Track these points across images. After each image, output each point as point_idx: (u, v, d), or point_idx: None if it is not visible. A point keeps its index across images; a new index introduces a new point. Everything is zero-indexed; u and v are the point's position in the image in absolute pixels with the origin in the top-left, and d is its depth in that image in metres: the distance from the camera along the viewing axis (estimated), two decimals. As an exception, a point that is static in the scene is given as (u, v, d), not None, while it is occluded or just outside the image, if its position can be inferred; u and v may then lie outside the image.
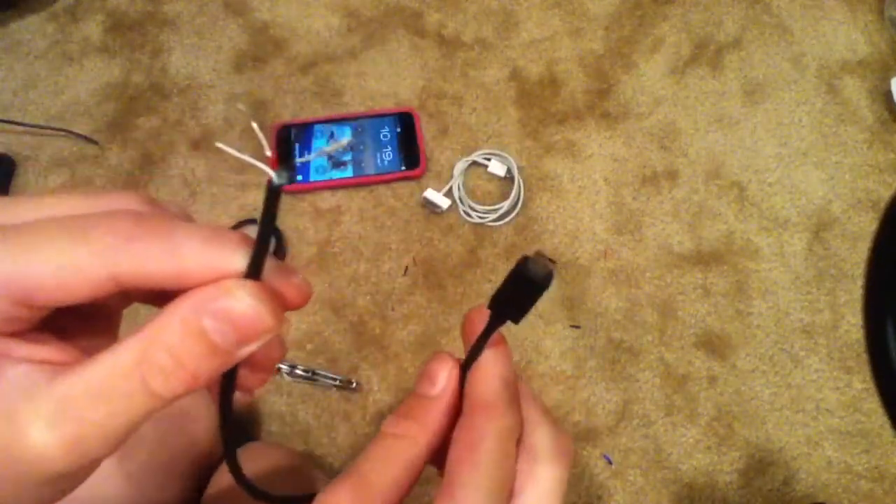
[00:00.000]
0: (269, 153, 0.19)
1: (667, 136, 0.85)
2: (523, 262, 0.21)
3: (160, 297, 0.19)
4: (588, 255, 0.79)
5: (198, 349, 0.17)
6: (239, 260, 0.18)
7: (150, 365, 0.17)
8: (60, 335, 0.19)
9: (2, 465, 0.17)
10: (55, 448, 0.17)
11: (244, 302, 0.17)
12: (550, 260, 0.21)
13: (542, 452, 0.23)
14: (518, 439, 0.22)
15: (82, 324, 0.20)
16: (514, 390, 0.23)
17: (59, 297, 0.17)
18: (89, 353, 0.18)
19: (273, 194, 0.18)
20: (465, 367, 0.23)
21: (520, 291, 0.21)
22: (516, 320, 0.22)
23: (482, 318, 0.23)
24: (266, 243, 0.18)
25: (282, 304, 0.19)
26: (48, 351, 0.18)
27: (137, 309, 0.21)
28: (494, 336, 0.23)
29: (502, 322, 0.22)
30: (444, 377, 0.23)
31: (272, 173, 0.17)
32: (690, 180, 0.83)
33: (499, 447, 0.21)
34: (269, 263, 0.18)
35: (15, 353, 0.17)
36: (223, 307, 0.17)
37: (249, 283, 0.17)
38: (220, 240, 0.18)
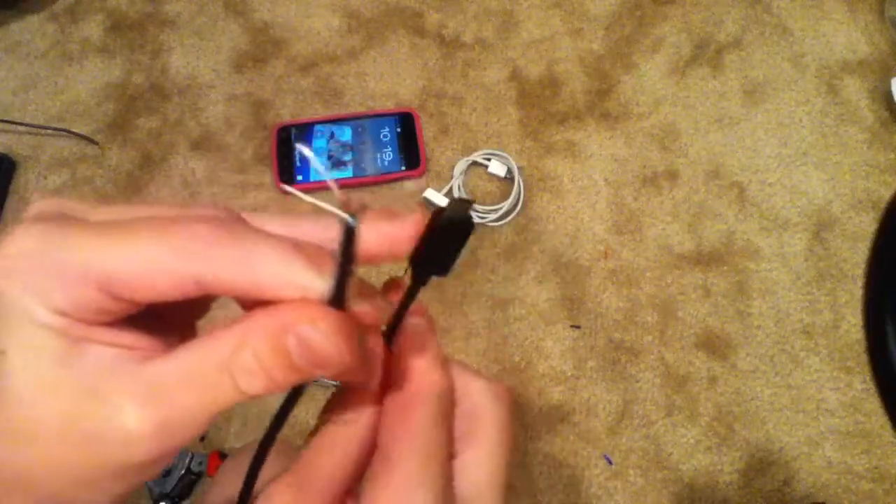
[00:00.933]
0: (337, 192, 0.19)
1: (667, 137, 0.85)
2: (440, 210, 0.20)
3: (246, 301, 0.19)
4: (588, 255, 0.78)
5: (280, 362, 0.18)
6: (317, 280, 0.18)
7: (239, 364, 0.18)
8: (143, 331, 0.19)
9: (87, 445, 0.17)
10: (144, 428, 0.17)
11: (325, 338, 0.18)
12: (467, 201, 0.20)
13: (480, 406, 0.22)
14: (453, 401, 0.22)
15: (163, 328, 0.20)
16: (441, 353, 0.22)
17: (144, 292, 0.18)
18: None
19: (349, 236, 0.18)
20: (389, 334, 0.22)
21: (441, 240, 0.20)
22: (443, 272, 0.20)
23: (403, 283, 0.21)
24: (346, 277, 0.19)
25: (360, 332, 0.19)
26: (132, 338, 0.19)
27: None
28: (416, 307, 0.22)
29: (426, 279, 0.20)
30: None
31: (348, 218, 0.18)
32: (691, 180, 0.83)
33: (432, 411, 0.21)
34: (353, 284, 0.19)
35: (98, 336, 0.18)
36: (306, 335, 0.17)
37: (332, 318, 0.18)
38: (298, 257, 0.18)
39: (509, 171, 0.81)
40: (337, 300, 0.18)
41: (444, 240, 0.20)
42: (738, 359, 0.75)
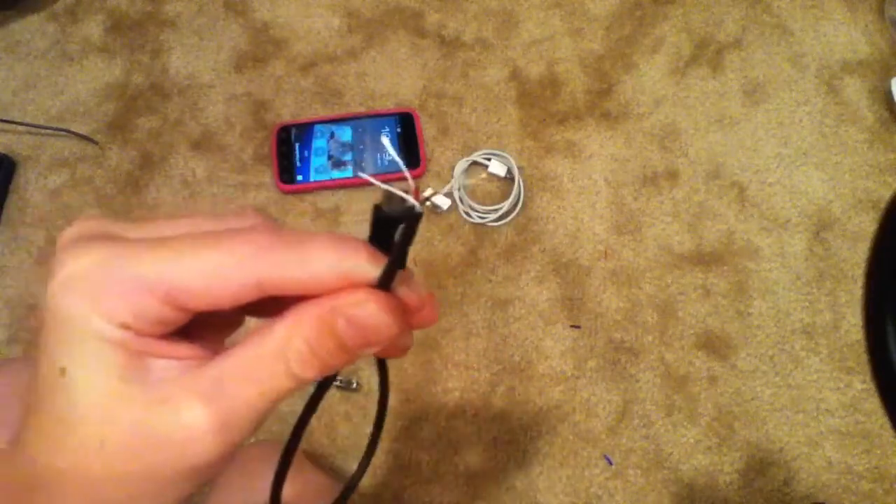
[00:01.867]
0: (410, 183, 0.21)
1: (667, 137, 0.85)
2: (376, 208, 0.21)
3: (279, 308, 0.21)
4: (588, 255, 0.78)
5: (330, 344, 0.19)
6: (366, 269, 0.20)
7: (292, 351, 0.19)
8: (189, 344, 0.21)
9: (155, 450, 0.18)
10: (209, 426, 0.18)
11: (374, 314, 0.20)
12: (404, 192, 0.20)
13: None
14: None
15: (202, 344, 0.21)
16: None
17: (207, 300, 0.19)
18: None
19: (413, 220, 0.20)
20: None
21: (388, 234, 0.21)
22: (400, 265, 0.21)
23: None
24: (399, 263, 0.21)
25: (406, 312, 0.21)
26: (187, 350, 0.20)
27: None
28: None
29: (391, 276, 0.21)
30: None
31: (415, 203, 0.20)
32: (691, 180, 0.83)
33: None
34: (397, 275, 0.21)
35: (158, 350, 0.19)
36: (355, 314, 0.19)
37: (380, 295, 0.20)
38: (348, 249, 0.20)
39: (509, 171, 0.81)
40: (384, 283, 0.20)
41: (387, 239, 0.21)
42: (738, 359, 0.75)
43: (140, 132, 0.83)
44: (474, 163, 0.82)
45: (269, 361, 0.19)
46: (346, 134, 0.83)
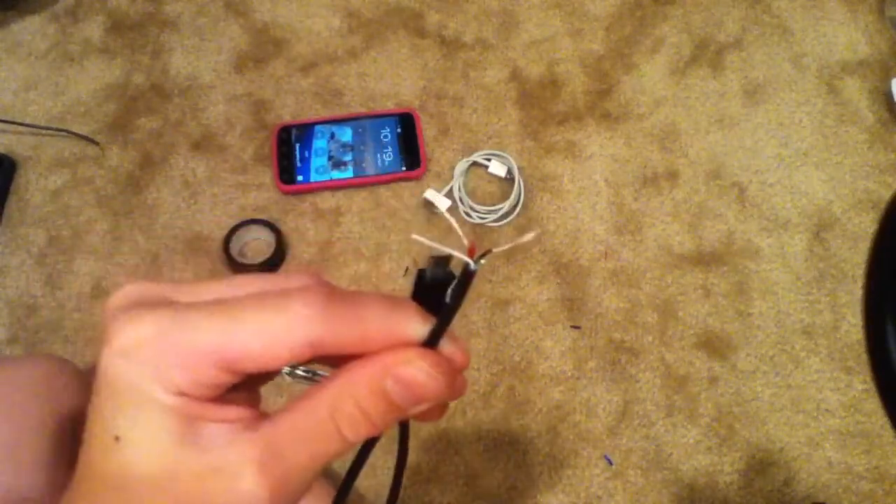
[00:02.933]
0: (465, 241, 0.22)
1: (667, 137, 0.85)
2: (419, 273, 0.22)
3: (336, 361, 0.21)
4: (588, 255, 0.79)
5: (380, 405, 0.20)
6: (415, 328, 0.21)
7: (342, 413, 0.20)
8: (237, 404, 0.21)
9: None
10: (264, 493, 0.19)
11: (423, 371, 0.20)
12: (444, 259, 0.21)
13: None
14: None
15: (243, 398, 0.22)
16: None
17: (263, 363, 0.19)
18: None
19: (467, 279, 0.21)
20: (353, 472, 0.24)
21: (433, 292, 0.22)
22: (447, 324, 0.22)
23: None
24: (448, 321, 0.21)
25: (453, 370, 0.21)
26: (236, 412, 0.20)
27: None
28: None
29: (443, 330, 0.21)
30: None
31: (470, 262, 0.20)
32: (691, 181, 0.83)
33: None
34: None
35: (211, 414, 0.19)
36: (404, 374, 0.20)
37: (428, 354, 0.20)
38: (399, 310, 0.21)
39: (509, 171, 0.81)
40: (432, 341, 0.21)
41: (431, 296, 0.22)
42: (738, 359, 0.75)
43: (140, 132, 0.83)
44: (474, 163, 0.82)
45: (320, 425, 0.20)
46: (346, 134, 0.83)
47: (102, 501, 0.19)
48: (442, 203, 0.78)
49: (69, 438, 0.55)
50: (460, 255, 0.21)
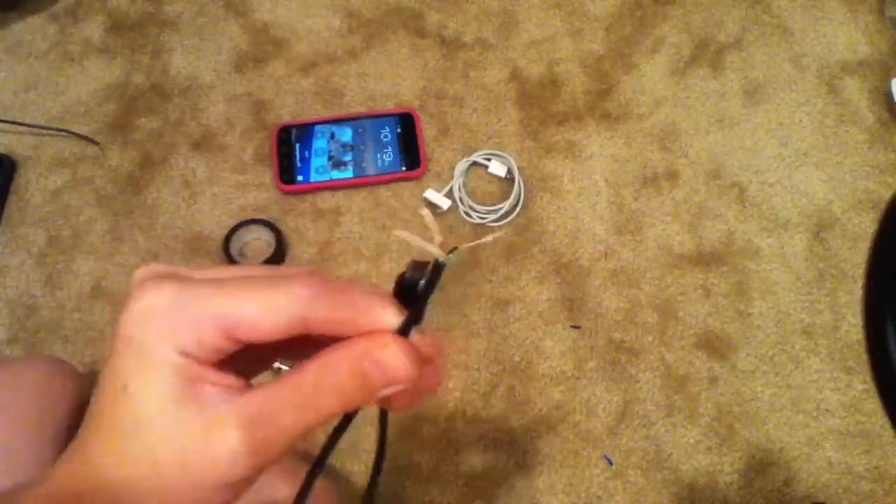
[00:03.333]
0: (437, 238, 0.24)
1: (667, 137, 0.85)
2: (400, 277, 0.25)
3: (311, 348, 0.24)
4: (588, 255, 0.78)
5: (358, 383, 0.23)
6: (392, 318, 0.23)
7: (324, 388, 0.22)
8: (233, 373, 0.23)
9: (199, 465, 0.21)
10: (245, 449, 0.21)
11: (396, 356, 0.23)
12: (420, 263, 0.25)
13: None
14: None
15: (242, 372, 0.24)
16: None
17: (261, 331, 0.22)
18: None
19: (436, 273, 0.23)
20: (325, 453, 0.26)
21: (412, 293, 0.25)
22: (418, 320, 0.24)
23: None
24: (419, 312, 0.24)
25: (421, 358, 0.24)
26: (232, 380, 0.23)
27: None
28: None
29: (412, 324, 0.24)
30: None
31: (440, 256, 0.23)
32: (691, 181, 0.83)
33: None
34: (416, 329, 0.24)
35: (210, 377, 0.22)
36: (380, 357, 0.23)
37: (400, 341, 0.23)
38: (381, 300, 0.23)
39: (509, 171, 0.81)
40: (403, 331, 0.23)
41: (411, 299, 0.24)
42: (738, 359, 0.75)
43: (140, 132, 0.83)
44: (474, 163, 0.82)
45: (304, 397, 0.22)
46: (346, 134, 0.83)
47: (108, 442, 0.22)
48: (442, 203, 0.78)
49: (67, 439, 0.55)
50: (432, 249, 0.23)
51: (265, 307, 0.22)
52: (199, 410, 0.21)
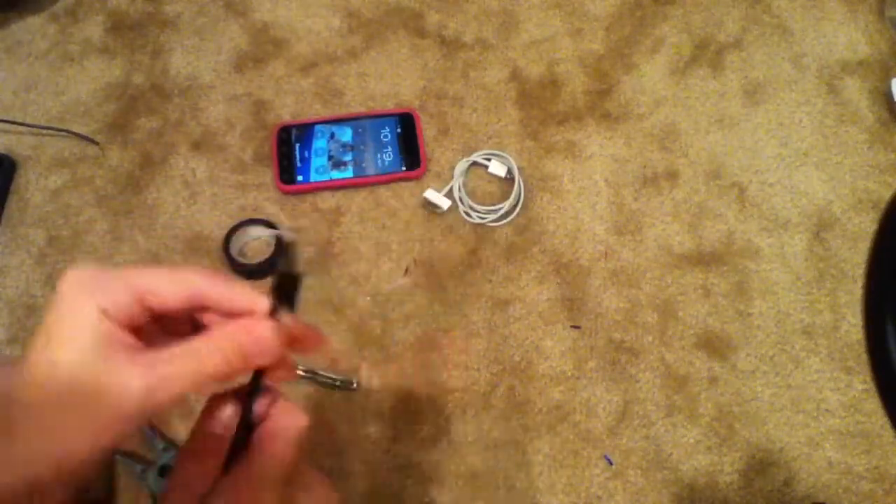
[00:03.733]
0: (287, 224, 0.30)
1: (667, 137, 0.85)
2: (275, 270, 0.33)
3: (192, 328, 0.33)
4: (588, 255, 0.79)
5: (237, 353, 0.29)
6: (265, 303, 0.32)
7: (210, 358, 0.28)
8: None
9: (102, 396, 0.26)
10: (143, 392, 0.26)
11: (266, 332, 0.30)
12: (284, 252, 0.32)
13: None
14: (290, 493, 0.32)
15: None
16: (298, 449, 0.32)
17: (165, 300, 0.29)
18: None
19: (283, 247, 0.30)
20: (250, 394, 0.32)
21: (279, 295, 0.32)
22: (290, 306, 0.32)
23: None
24: (291, 300, 0.32)
25: (290, 339, 0.32)
26: (139, 343, 0.29)
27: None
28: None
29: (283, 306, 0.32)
30: (227, 416, 0.32)
31: (285, 230, 0.30)
32: (691, 181, 0.83)
33: (292, 440, 0.31)
34: (285, 311, 0.32)
35: (121, 335, 0.28)
36: (255, 332, 0.30)
37: (271, 321, 0.31)
38: (257, 290, 0.31)
39: (509, 171, 0.81)
40: (273, 313, 0.31)
41: (281, 294, 0.32)
42: (738, 359, 0.75)
43: (140, 132, 0.83)
44: (474, 163, 0.82)
45: (192, 364, 0.28)
46: (346, 134, 0.83)
47: (32, 383, 0.26)
48: (442, 203, 0.78)
49: None
50: (283, 230, 0.29)
51: (169, 280, 0.29)
52: (108, 357, 0.26)
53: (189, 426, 0.32)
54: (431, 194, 0.78)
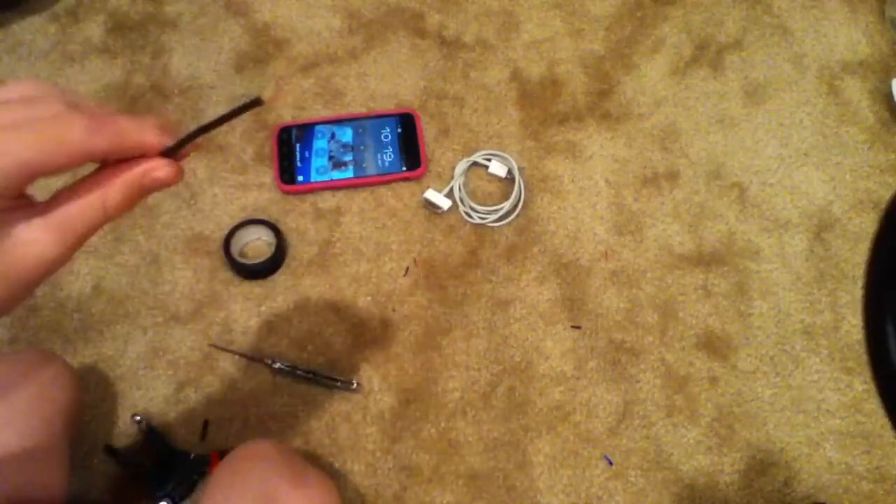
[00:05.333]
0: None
1: (667, 137, 0.85)
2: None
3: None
4: (589, 255, 0.79)
5: (137, 192, 0.31)
6: (158, 140, 0.31)
7: (111, 201, 0.30)
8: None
9: (10, 251, 0.27)
10: (54, 245, 0.28)
11: (168, 172, 0.32)
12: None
13: None
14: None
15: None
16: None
17: (53, 168, 0.28)
18: None
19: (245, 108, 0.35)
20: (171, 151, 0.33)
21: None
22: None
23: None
24: (193, 139, 0.33)
25: (181, 168, 0.33)
26: (33, 210, 0.29)
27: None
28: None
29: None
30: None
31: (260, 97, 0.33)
32: (691, 181, 0.83)
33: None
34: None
35: (16, 209, 0.28)
36: (157, 174, 0.31)
37: (170, 161, 0.32)
38: (145, 127, 0.31)
39: (510, 171, 0.81)
40: (173, 150, 0.32)
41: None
42: (738, 359, 0.75)
43: (141, 133, 0.83)
44: (475, 163, 0.82)
45: (94, 211, 0.29)
46: (346, 135, 0.83)
47: None
48: (442, 203, 0.78)
49: (59, 430, 0.55)
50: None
51: (54, 150, 0.28)
52: (10, 232, 0.27)
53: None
54: (432, 194, 0.78)
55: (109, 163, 0.31)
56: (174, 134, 0.33)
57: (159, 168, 0.31)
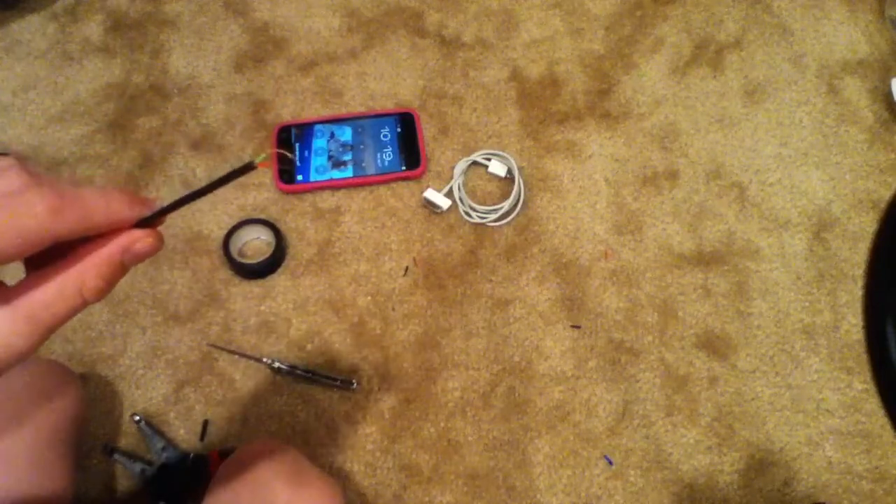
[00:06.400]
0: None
1: (667, 137, 0.85)
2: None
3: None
4: (588, 255, 0.78)
5: (117, 272, 0.28)
6: (130, 212, 0.28)
7: (87, 286, 0.27)
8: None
9: None
10: (28, 337, 0.25)
11: (150, 244, 0.29)
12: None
13: None
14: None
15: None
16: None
17: (14, 256, 0.25)
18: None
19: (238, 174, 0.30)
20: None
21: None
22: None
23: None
24: (178, 207, 0.30)
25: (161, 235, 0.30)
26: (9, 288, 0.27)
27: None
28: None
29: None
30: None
31: (253, 161, 0.29)
32: (691, 181, 0.83)
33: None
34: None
35: None
36: (138, 249, 0.28)
37: (153, 231, 0.29)
38: (113, 200, 0.28)
39: (509, 171, 0.81)
40: (149, 221, 0.29)
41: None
42: (738, 359, 0.75)
43: (140, 132, 0.83)
44: (474, 163, 0.82)
45: (68, 298, 0.27)
46: (346, 134, 0.82)
47: None
48: (442, 203, 0.78)
49: (65, 439, 0.55)
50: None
51: (14, 237, 0.24)
52: None
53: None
54: (431, 194, 0.78)
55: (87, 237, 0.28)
56: (146, 204, 0.29)
57: (138, 240, 0.29)
